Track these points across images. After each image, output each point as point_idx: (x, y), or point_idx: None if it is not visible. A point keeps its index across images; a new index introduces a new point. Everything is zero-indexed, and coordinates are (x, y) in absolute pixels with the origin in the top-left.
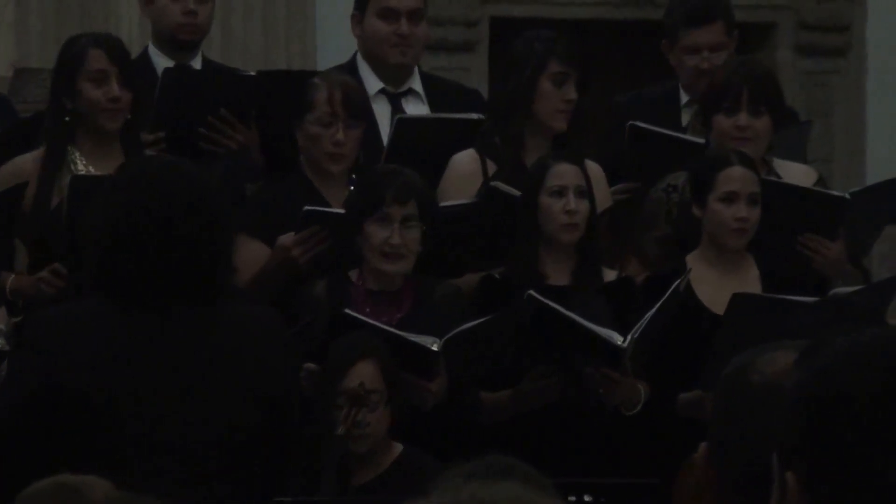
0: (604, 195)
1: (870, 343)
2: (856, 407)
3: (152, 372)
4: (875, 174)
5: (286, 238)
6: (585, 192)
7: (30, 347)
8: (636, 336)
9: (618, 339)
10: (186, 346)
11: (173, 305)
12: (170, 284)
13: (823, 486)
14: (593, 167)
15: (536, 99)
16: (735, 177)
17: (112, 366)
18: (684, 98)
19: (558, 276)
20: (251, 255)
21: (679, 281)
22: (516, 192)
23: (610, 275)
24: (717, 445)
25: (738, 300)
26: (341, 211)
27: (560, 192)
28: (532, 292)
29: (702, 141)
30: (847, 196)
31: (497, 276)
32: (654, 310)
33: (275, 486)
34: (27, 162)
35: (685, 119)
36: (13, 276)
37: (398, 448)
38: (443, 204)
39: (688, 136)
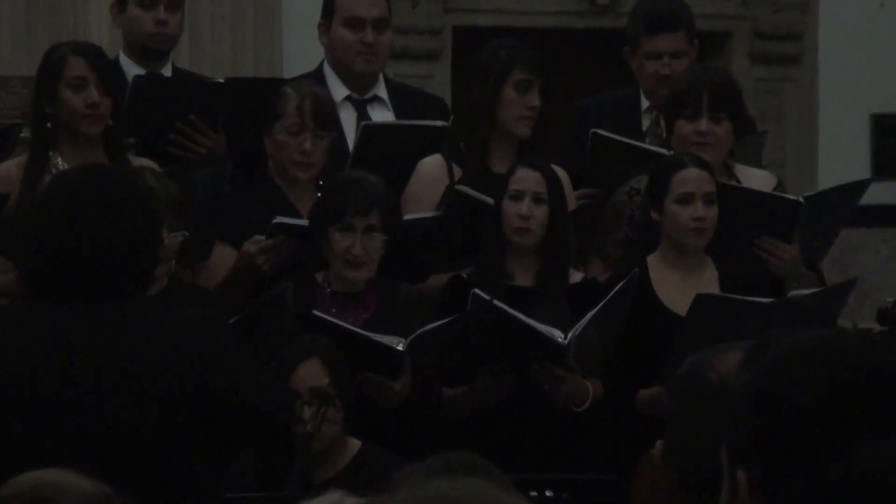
0: (569, 198)
1: (814, 342)
2: (800, 404)
3: (67, 368)
4: (826, 179)
5: (250, 245)
6: (544, 198)
7: None
8: (576, 333)
9: (559, 336)
10: (103, 344)
11: (78, 303)
12: (72, 280)
13: (772, 484)
14: (559, 172)
15: (500, 106)
16: (689, 178)
17: (28, 362)
18: (644, 104)
19: (523, 277)
20: (222, 259)
21: (623, 282)
22: (486, 199)
23: (577, 276)
24: (672, 442)
25: (700, 300)
26: (307, 223)
27: (518, 197)
28: (476, 290)
29: (664, 150)
30: (801, 200)
31: (465, 276)
32: (595, 310)
33: (222, 483)
34: (10, 168)
35: (645, 124)
36: None
37: (356, 444)
38: (409, 217)
39: (650, 146)
